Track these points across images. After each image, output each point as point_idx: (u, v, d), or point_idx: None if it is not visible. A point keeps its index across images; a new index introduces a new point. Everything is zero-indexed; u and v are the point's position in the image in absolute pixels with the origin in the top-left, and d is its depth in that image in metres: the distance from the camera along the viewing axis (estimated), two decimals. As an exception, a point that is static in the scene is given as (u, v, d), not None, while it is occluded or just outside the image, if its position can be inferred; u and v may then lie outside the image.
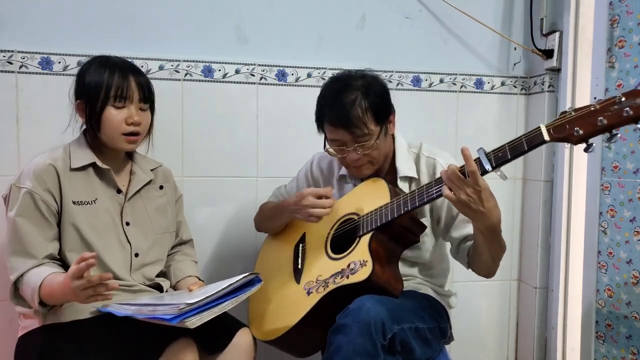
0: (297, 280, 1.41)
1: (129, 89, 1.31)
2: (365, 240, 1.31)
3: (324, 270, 1.34)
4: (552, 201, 1.99)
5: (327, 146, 1.41)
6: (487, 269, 1.35)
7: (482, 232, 1.22)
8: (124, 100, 1.31)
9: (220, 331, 1.22)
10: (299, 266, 1.45)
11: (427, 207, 1.43)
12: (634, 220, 1.61)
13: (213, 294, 1.16)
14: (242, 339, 1.30)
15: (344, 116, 1.32)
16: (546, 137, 1.05)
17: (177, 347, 1.18)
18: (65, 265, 1.30)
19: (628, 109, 0.96)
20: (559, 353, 1.97)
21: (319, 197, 1.39)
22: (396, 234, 1.33)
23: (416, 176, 1.43)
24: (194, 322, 1.09)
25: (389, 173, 1.46)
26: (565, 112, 1.04)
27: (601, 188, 1.73)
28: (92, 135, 1.34)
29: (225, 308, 1.17)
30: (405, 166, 1.43)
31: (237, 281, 1.22)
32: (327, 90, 1.40)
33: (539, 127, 1.06)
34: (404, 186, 1.43)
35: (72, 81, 1.38)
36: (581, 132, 1.01)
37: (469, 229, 1.36)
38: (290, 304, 1.37)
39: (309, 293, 1.32)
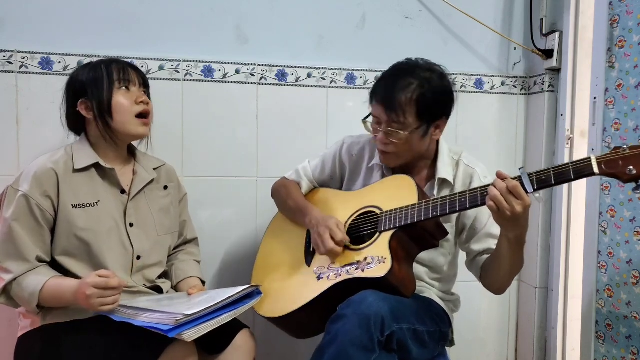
0: (308, 262, 1.41)
1: (129, 73, 1.37)
2: (386, 237, 1.29)
3: (338, 258, 1.33)
4: (552, 201, 1.99)
5: (369, 119, 1.41)
6: (500, 284, 1.35)
7: (509, 240, 1.22)
8: (127, 83, 1.36)
9: (220, 332, 1.22)
10: (311, 248, 1.43)
11: (454, 215, 1.41)
12: (634, 220, 1.61)
13: (211, 306, 1.16)
14: (242, 341, 1.30)
15: (388, 96, 1.32)
16: (596, 169, 1.03)
17: (177, 348, 1.18)
18: (58, 269, 1.30)
19: None
20: (559, 353, 1.97)
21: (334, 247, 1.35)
22: (418, 236, 1.32)
23: (452, 181, 1.42)
24: (190, 335, 1.10)
25: (427, 173, 1.46)
26: (619, 147, 1.02)
27: (601, 188, 1.73)
28: (105, 126, 1.34)
29: (223, 321, 1.17)
30: (444, 169, 1.42)
31: (236, 293, 1.22)
32: (390, 69, 1.41)
33: (589, 158, 1.04)
34: (435, 188, 1.42)
35: (62, 95, 1.40)
36: (635, 172, 0.99)
37: (489, 243, 1.37)
38: (298, 285, 1.36)
39: (319, 278, 1.32)
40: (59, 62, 1.67)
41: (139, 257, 1.38)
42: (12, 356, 1.29)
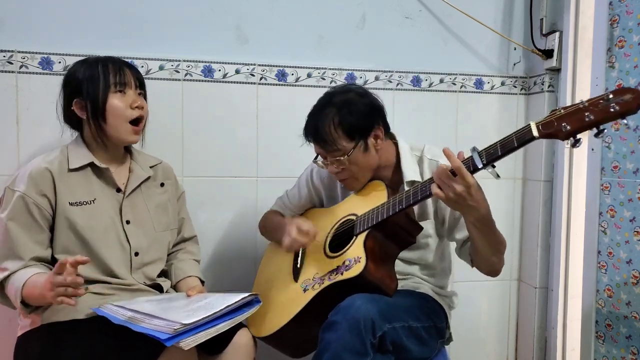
0: (295, 278, 1.42)
1: (126, 75, 1.35)
2: (361, 238, 1.32)
3: (321, 268, 1.35)
4: (552, 201, 1.99)
5: (318, 159, 1.46)
6: (489, 265, 1.35)
7: (474, 225, 1.23)
8: (123, 86, 1.34)
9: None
10: (298, 265, 1.46)
11: (431, 209, 1.44)
12: (633, 220, 1.61)
13: (210, 315, 1.15)
14: (241, 340, 1.29)
15: (315, 131, 1.38)
16: (535, 133, 1.06)
17: (176, 349, 1.17)
18: None
19: (614, 104, 0.98)
20: (559, 353, 1.97)
21: (301, 230, 1.40)
22: (392, 233, 1.34)
23: (420, 179, 1.43)
24: (188, 343, 1.09)
25: (394, 178, 1.47)
26: (555, 109, 1.06)
27: (601, 188, 1.73)
28: (97, 129, 1.34)
29: (221, 329, 1.17)
30: (410, 170, 1.43)
31: (235, 302, 1.22)
32: (313, 108, 1.45)
33: (529, 124, 1.08)
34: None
35: (59, 90, 1.39)
36: (569, 127, 1.02)
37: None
38: (286, 300, 1.38)
39: (305, 290, 1.33)
40: (59, 62, 1.67)
41: (137, 254, 1.38)
42: (12, 356, 1.29)
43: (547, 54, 1.95)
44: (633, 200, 1.61)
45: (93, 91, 1.32)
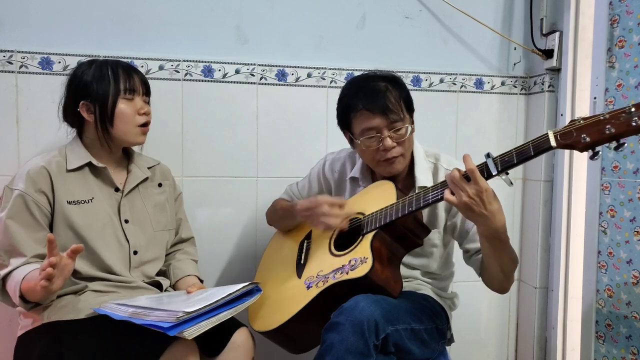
0: (299, 274, 1.42)
1: (135, 82, 1.37)
2: (368, 238, 1.31)
3: (326, 266, 1.35)
4: (552, 201, 1.99)
5: (358, 141, 1.38)
6: (497, 282, 1.33)
7: (486, 238, 1.21)
8: (132, 93, 1.37)
9: (218, 332, 1.22)
10: (302, 261, 1.45)
11: (442, 220, 1.43)
12: (634, 220, 1.61)
13: (212, 303, 1.16)
14: (240, 340, 1.29)
15: (380, 100, 1.34)
16: (553, 143, 1.05)
17: (178, 347, 1.18)
18: None
19: (637, 118, 0.95)
20: (559, 353, 1.97)
21: (333, 205, 1.38)
22: (399, 234, 1.33)
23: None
24: (191, 332, 1.10)
25: (406, 179, 1.45)
26: (575, 120, 1.04)
27: (601, 188, 1.73)
28: (104, 132, 1.35)
29: (223, 318, 1.17)
30: (423, 176, 1.42)
31: (237, 291, 1.22)
32: (354, 84, 1.42)
33: (547, 133, 1.07)
34: None
35: (62, 89, 1.40)
36: (588, 139, 1.01)
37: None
38: (289, 297, 1.37)
39: (308, 287, 1.33)
40: (59, 62, 1.67)
41: (135, 252, 1.39)
42: (12, 356, 1.29)
43: (547, 54, 1.96)
44: (633, 200, 1.61)
45: (103, 95, 1.33)
